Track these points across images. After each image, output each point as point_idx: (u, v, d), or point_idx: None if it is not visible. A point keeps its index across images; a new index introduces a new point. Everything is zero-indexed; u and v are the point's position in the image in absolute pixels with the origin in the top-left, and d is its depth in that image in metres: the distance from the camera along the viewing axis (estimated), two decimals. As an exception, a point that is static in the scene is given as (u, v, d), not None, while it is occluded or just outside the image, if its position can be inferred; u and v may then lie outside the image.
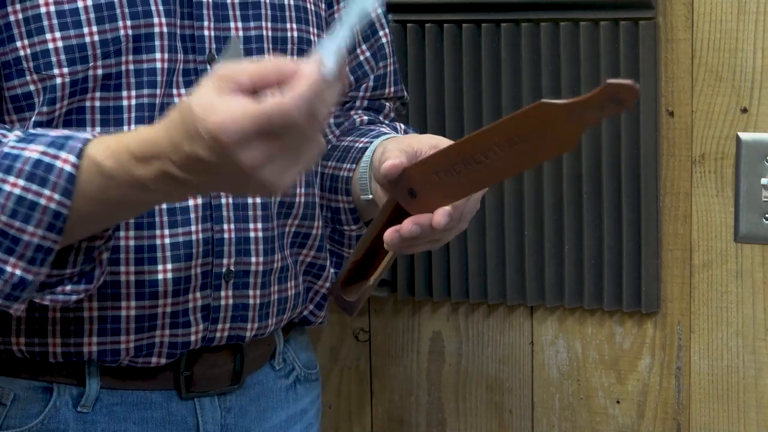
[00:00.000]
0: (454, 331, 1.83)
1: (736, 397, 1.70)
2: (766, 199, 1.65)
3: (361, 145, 1.44)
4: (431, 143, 1.29)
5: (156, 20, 1.27)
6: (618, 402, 1.76)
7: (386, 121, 1.57)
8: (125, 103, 1.27)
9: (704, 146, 1.67)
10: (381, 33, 1.55)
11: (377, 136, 1.43)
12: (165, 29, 1.28)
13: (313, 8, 1.42)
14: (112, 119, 1.28)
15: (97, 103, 1.27)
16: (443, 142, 1.28)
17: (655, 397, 1.74)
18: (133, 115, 1.27)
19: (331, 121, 1.52)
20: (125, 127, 1.27)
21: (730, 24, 1.64)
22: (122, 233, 1.29)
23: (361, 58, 1.54)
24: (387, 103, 1.58)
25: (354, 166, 1.44)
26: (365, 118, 1.53)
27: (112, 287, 1.30)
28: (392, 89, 1.58)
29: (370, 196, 1.38)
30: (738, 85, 1.64)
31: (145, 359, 1.33)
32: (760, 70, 1.63)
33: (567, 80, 1.69)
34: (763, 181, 1.64)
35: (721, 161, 1.67)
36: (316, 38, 1.42)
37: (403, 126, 1.55)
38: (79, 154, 1.14)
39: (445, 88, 1.75)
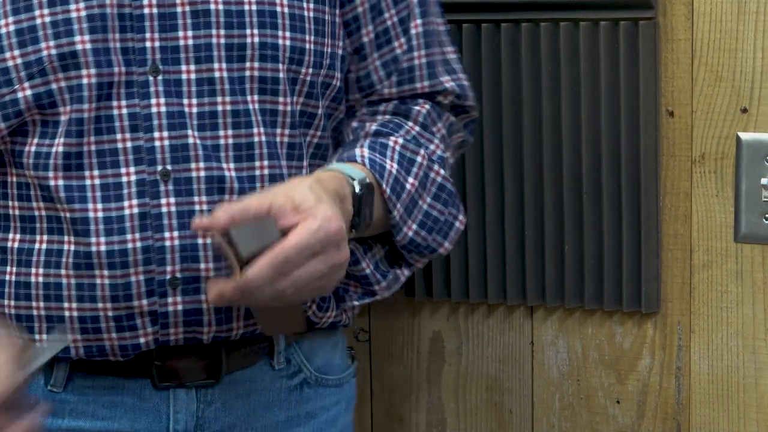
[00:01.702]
0: (454, 331, 1.83)
1: (736, 397, 1.70)
2: (766, 199, 1.65)
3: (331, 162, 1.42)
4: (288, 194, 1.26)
5: (78, 38, 1.32)
6: (618, 402, 1.76)
7: (416, 128, 1.48)
8: (62, 118, 1.33)
9: (704, 146, 1.67)
10: (411, 24, 1.48)
11: (338, 160, 1.40)
12: (89, 46, 1.32)
13: (286, 11, 1.38)
14: (50, 132, 1.34)
15: (37, 117, 1.34)
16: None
17: (655, 397, 1.74)
18: (64, 129, 1.33)
19: (354, 124, 1.49)
20: (57, 140, 1.33)
21: (730, 24, 1.64)
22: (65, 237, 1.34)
23: (398, 51, 1.48)
24: (416, 107, 1.49)
25: None
26: (373, 127, 1.46)
27: (55, 289, 1.35)
28: (425, 83, 1.49)
29: None
30: (738, 85, 1.64)
31: (101, 357, 1.36)
32: (760, 70, 1.63)
33: (567, 80, 1.69)
34: (763, 181, 1.64)
35: (721, 161, 1.67)
36: (287, 42, 1.38)
37: (397, 149, 1.43)
38: None
39: (445, 88, 1.75)
